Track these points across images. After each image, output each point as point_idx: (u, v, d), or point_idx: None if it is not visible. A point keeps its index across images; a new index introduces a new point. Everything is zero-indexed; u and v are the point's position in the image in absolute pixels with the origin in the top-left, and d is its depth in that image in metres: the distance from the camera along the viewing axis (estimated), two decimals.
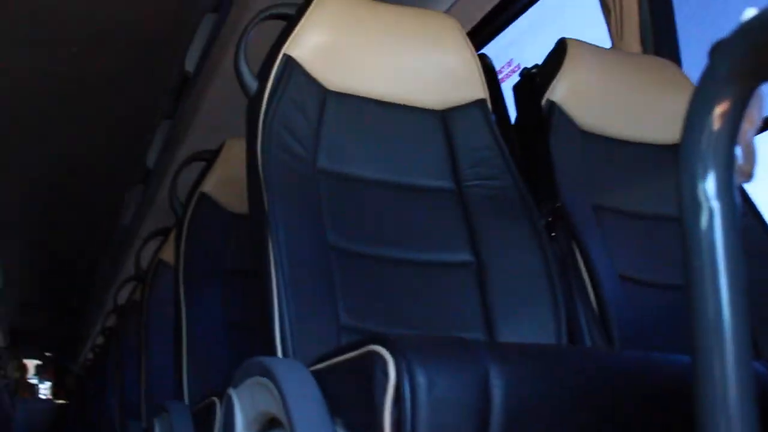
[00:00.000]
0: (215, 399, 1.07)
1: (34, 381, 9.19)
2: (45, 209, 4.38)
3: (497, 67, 1.33)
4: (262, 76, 0.97)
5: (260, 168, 0.90)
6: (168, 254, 1.94)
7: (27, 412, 7.67)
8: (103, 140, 3.34)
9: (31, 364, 9.15)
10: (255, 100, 0.97)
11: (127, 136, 3.21)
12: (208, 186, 1.49)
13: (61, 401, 8.48)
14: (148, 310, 2.13)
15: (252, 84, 0.98)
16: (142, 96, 2.85)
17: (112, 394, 3.15)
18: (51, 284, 6.00)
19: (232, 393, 0.84)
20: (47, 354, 8.88)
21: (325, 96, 0.98)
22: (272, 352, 0.83)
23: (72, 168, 3.70)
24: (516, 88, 1.21)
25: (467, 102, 1.05)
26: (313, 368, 0.72)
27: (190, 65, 2.31)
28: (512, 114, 1.21)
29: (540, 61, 1.20)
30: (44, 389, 9.29)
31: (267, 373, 0.72)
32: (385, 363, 0.56)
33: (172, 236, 1.82)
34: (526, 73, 1.19)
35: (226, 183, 1.47)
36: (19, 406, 7.62)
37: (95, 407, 4.07)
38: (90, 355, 5.67)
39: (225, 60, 1.92)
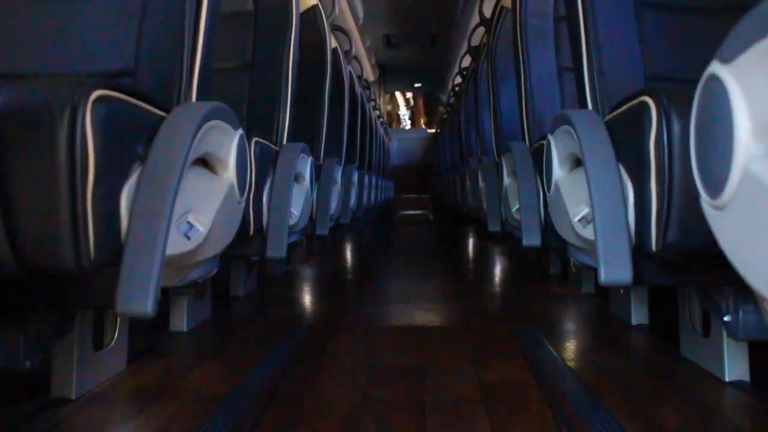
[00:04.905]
0: (543, 141, 1.37)
1: (403, 112, 9.82)
2: None
3: None
4: None
5: None
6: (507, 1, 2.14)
7: (400, 141, 8.33)
8: None
9: (400, 96, 9.68)
10: None
11: None
12: None
13: (432, 130, 8.92)
14: (494, 57, 2.37)
15: None
16: None
17: (472, 129, 3.66)
18: (414, 17, 5.91)
19: (550, 138, 1.24)
20: (416, 85, 9.17)
21: None
22: (584, 105, 1.15)
23: None
24: None
25: None
26: (608, 117, 1.01)
27: None
28: None
29: None
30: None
31: (570, 123, 1.03)
32: (650, 110, 0.82)
33: None
34: None
35: None
36: (393, 136, 8.29)
37: (460, 138, 4.57)
38: (451, 94, 5.55)
39: None
